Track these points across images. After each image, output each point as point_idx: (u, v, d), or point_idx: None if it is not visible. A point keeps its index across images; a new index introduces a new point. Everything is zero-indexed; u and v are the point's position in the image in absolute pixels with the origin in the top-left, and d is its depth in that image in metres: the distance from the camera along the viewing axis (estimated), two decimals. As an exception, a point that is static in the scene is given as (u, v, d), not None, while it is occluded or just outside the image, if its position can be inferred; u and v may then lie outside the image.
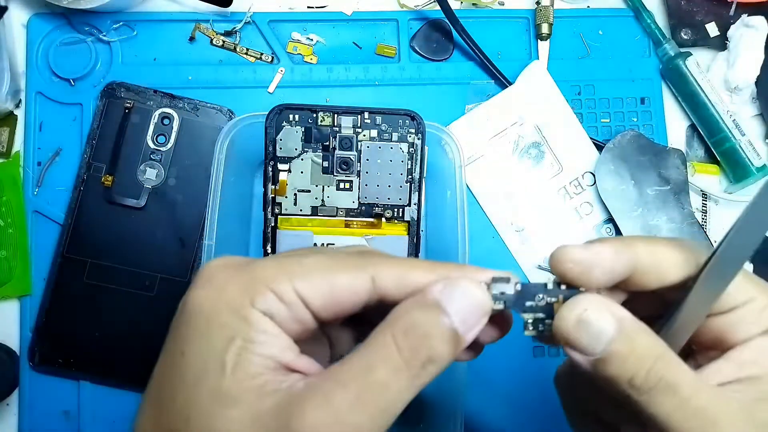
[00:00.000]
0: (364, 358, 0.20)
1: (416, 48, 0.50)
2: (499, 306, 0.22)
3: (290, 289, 0.21)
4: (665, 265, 0.22)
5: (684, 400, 0.21)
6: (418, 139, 0.40)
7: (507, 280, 0.23)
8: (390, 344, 0.20)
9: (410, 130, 0.40)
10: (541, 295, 0.23)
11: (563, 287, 0.23)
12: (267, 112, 0.39)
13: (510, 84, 0.49)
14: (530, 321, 0.23)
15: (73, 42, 0.47)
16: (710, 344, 0.24)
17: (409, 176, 0.40)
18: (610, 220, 0.48)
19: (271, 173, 0.40)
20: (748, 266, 0.50)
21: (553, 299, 0.23)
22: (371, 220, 0.41)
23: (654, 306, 0.24)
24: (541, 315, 0.23)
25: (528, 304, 0.23)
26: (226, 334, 0.20)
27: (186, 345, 0.21)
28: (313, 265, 0.22)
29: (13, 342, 0.45)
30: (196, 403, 0.20)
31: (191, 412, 0.20)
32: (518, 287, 0.22)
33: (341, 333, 0.26)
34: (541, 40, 0.50)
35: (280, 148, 0.40)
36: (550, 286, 0.23)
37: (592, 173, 0.49)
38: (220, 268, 0.22)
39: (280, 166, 0.40)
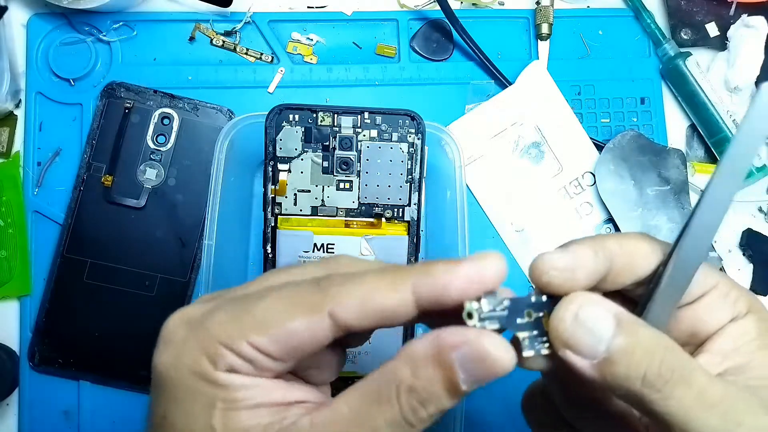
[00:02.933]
0: (365, 405, 0.20)
1: (416, 48, 0.50)
2: (494, 326, 0.20)
3: (245, 345, 0.20)
4: (636, 258, 0.22)
5: (701, 391, 0.20)
6: (418, 139, 0.40)
7: (493, 294, 0.20)
8: (392, 399, 0.20)
9: (410, 130, 0.40)
10: (527, 310, 0.21)
11: (544, 298, 0.21)
12: (267, 112, 0.39)
13: (510, 84, 0.49)
14: (526, 340, 0.21)
15: (73, 42, 0.47)
16: (684, 339, 0.23)
17: (409, 176, 0.40)
18: (610, 220, 0.48)
19: (271, 173, 0.40)
20: (748, 267, 0.50)
21: (540, 313, 0.21)
22: (371, 220, 0.41)
23: (625, 307, 0.23)
24: (534, 332, 0.21)
25: (519, 321, 0.21)
26: (204, 401, 0.20)
27: (167, 411, 0.21)
28: (264, 314, 0.21)
29: (13, 342, 0.45)
30: None
31: None
32: (507, 303, 0.20)
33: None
34: (541, 40, 0.50)
35: (280, 148, 0.40)
36: (533, 299, 0.21)
37: (592, 173, 0.49)
38: (177, 326, 0.22)
39: (280, 166, 0.40)
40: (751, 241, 0.50)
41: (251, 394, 0.20)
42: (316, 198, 0.40)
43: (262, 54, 0.48)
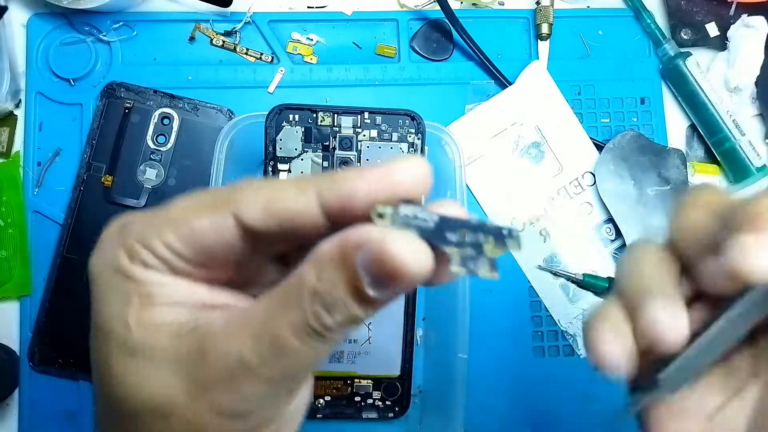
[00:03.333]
0: (273, 307, 0.19)
1: (416, 48, 0.50)
2: (411, 233, 0.18)
3: (158, 242, 0.20)
4: None
5: None
6: (418, 139, 0.40)
7: (417, 205, 0.19)
8: (297, 303, 0.19)
9: (410, 130, 0.40)
10: (463, 230, 0.19)
11: (501, 227, 0.20)
12: (267, 112, 0.39)
13: (510, 84, 0.49)
14: (456, 256, 0.19)
15: (73, 42, 0.47)
16: None
17: (409, 176, 0.40)
18: (610, 220, 0.48)
19: (271, 173, 0.40)
20: None
21: (485, 238, 0.19)
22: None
23: None
24: (470, 252, 0.19)
25: (449, 236, 0.19)
26: (120, 296, 0.20)
27: (93, 310, 0.21)
28: (175, 213, 0.20)
29: (13, 342, 0.45)
30: (107, 361, 0.21)
31: (105, 371, 0.21)
32: (435, 217, 0.19)
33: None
34: (541, 40, 0.49)
35: (280, 148, 0.40)
36: (475, 222, 0.19)
37: (592, 173, 0.49)
38: (109, 229, 0.22)
39: (280, 166, 0.40)
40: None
41: (168, 292, 0.20)
42: (316, 198, 0.40)
43: (262, 54, 0.48)
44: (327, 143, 0.40)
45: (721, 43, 0.51)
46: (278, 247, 0.22)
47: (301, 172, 0.40)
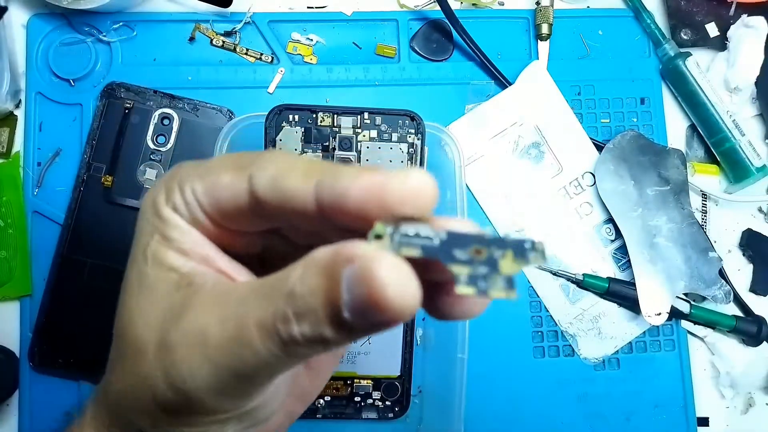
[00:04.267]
0: (254, 293, 0.19)
1: (416, 48, 0.49)
2: (413, 252, 0.17)
3: (188, 188, 0.21)
4: None
5: None
6: (418, 139, 0.40)
7: (423, 223, 0.17)
8: (272, 299, 0.18)
9: (410, 130, 0.40)
10: (475, 246, 0.17)
11: (514, 235, 0.18)
12: (267, 113, 0.39)
13: (510, 84, 0.49)
14: (463, 276, 0.17)
15: (73, 42, 0.47)
16: None
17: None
18: (610, 220, 0.48)
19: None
20: (748, 267, 0.50)
21: (500, 252, 0.17)
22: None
23: None
24: (482, 270, 0.17)
25: (457, 254, 0.17)
26: (148, 229, 0.22)
27: (134, 238, 0.23)
28: (210, 164, 0.21)
29: (13, 343, 0.45)
30: (125, 287, 0.22)
31: (122, 296, 0.22)
32: (442, 235, 0.17)
33: None
34: (540, 41, 0.49)
35: (280, 149, 0.39)
36: (487, 236, 0.18)
37: (591, 173, 0.48)
38: (168, 171, 0.23)
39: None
40: (751, 242, 0.49)
41: (183, 239, 0.21)
42: (316, 198, 0.40)
43: (262, 54, 0.48)
44: (327, 144, 0.40)
45: (721, 44, 0.50)
46: (289, 225, 0.22)
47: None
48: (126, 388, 0.21)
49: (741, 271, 0.50)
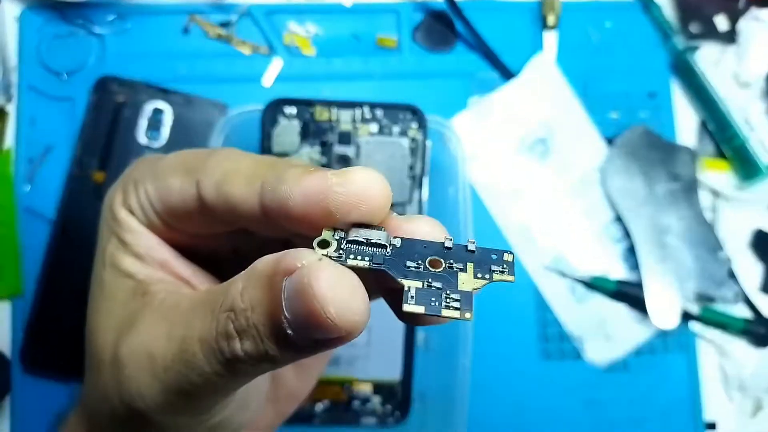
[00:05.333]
0: (198, 307, 0.17)
1: (418, 39, 0.48)
2: (361, 263, 0.15)
3: (143, 189, 0.20)
4: None
5: None
6: (420, 133, 0.39)
7: (378, 229, 0.16)
8: (214, 314, 0.16)
9: (412, 124, 0.39)
10: (432, 257, 0.16)
11: (472, 247, 0.16)
12: (263, 106, 0.38)
13: (515, 77, 0.48)
14: (413, 290, 0.15)
15: (66, 35, 0.46)
16: None
17: (411, 172, 0.39)
18: (618, 218, 0.47)
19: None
20: (759, 267, 0.49)
21: (459, 264, 0.16)
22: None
23: None
24: (437, 285, 0.15)
25: (410, 265, 0.15)
26: (106, 232, 0.21)
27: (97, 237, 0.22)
28: (164, 164, 0.20)
29: (4, 344, 0.44)
30: (91, 286, 0.22)
31: (90, 293, 0.22)
32: (397, 242, 0.16)
33: None
34: (547, 32, 0.48)
35: (277, 144, 0.38)
36: (448, 244, 0.16)
37: (599, 170, 0.47)
38: (130, 166, 0.22)
39: (277, 162, 0.39)
40: (761, 241, 0.49)
41: (139, 243, 0.20)
42: (314, 195, 0.39)
43: (258, 46, 0.47)
44: (325, 138, 0.39)
45: (730, 37, 0.50)
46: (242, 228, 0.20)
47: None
48: (92, 399, 0.20)
49: (751, 271, 0.49)
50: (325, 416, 0.41)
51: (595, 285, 0.46)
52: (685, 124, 0.50)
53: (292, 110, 0.38)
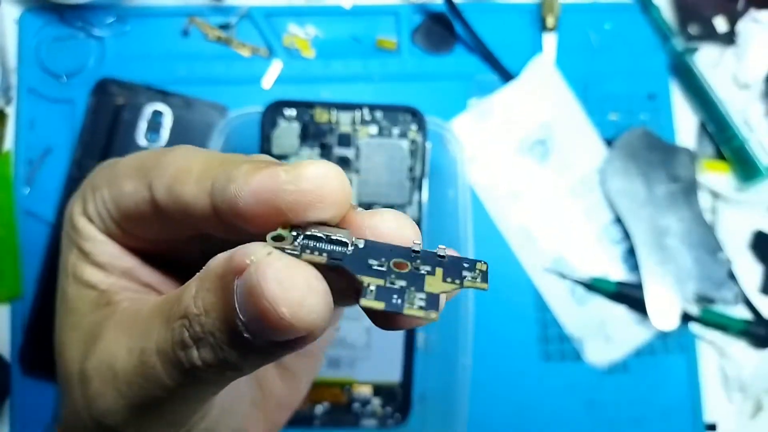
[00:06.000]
0: (155, 314, 0.16)
1: (417, 41, 0.48)
2: (317, 258, 0.14)
3: (99, 195, 0.19)
4: None
5: None
6: (420, 135, 0.38)
7: (340, 228, 0.15)
8: (170, 321, 0.15)
9: (411, 126, 0.39)
10: (397, 260, 0.15)
11: (443, 253, 0.15)
12: (262, 108, 0.38)
13: (514, 78, 0.48)
14: (372, 286, 0.14)
15: (66, 38, 0.46)
16: None
17: (410, 174, 0.39)
18: (618, 220, 0.47)
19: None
20: (758, 268, 0.49)
21: (425, 267, 0.15)
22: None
23: None
24: (399, 283, 0.14)
25: (372, 263, 0.14)
26: (67, 243, 0.20)
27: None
28: (118, 168, 0.19)
29: (4, 347, 0.44)
30: (57, 299, 0.21)
31: (56, 306, 0.21)
32: (360, 243, 0.15)
33: None
34: (546, 34, 0.48)
35: (276, 146, 0.38)
36: (416, 248, 0.15)
37: (599, 172, 0.47)
38: (91, 173, 0.21)
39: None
40: (761, 243, 0.48)
41: (99, 251, 0.20)
42: (314, 197, 0.39)
43: (258, 48, 0.47)
44: (325, 140, 0.39)
45: (730, 38, 0.50)
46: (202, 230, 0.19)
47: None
48: (67, 415, 0.20)
49: (751, 273, 0.49)
50: (325, 418, 0.41)
51: (595, 286, 0.46)
52: (685, 126, 0.50)
53: (291, 112, 0.38)
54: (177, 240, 0.20)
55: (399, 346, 0.40)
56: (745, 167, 0.48)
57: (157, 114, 0.45)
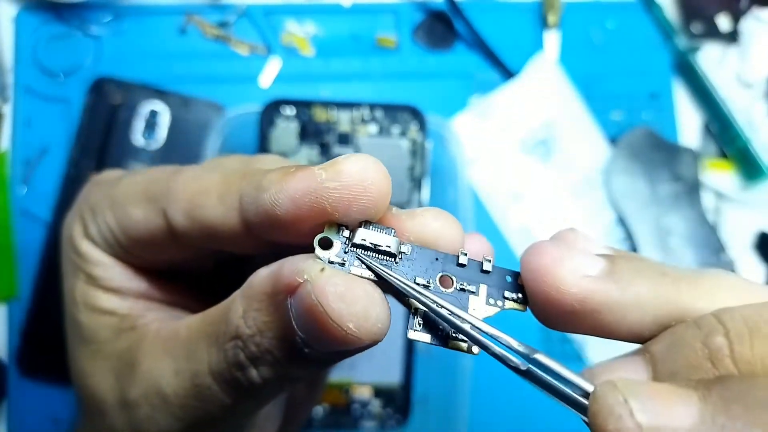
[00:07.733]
0: (200, 336, 0.16)
1: (418, 39, 0.48)
2: (366, 273, 0.14)
3: (102, 218, 0.18)
4: None
5: None
6: (420, 134, 0.38)
7: (386, 230, 0.14)
8: (220, 342, 0.15)
9: (411, 125, 0.38)
10: (446, 274, 0.14)
11: (509, 278, 0.15)
12: (261, 107, 0.38)
13: (515, 77, 0.47)
14: (419, 317, 0.14)
15: (62, 36, 0.46)
16: None
17: (411, 173, 0.38)
18: (621, 219, 0.47)
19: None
20: (762, 268, 0.48)
21: (472, 287, 0.14)
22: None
23: None
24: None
25: (420, 282, 0.14)
26: (71, 268, 0.19)
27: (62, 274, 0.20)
28: (120, 190, 0.18)
29: (1, 348, 0.44)
30: (67, 328, 0.20)
31: (67, 336, 0.20)
32: (407, 250, 0.14)
33: None
34: (548, 32, 0.48)
35: (275, 145, 0.38)
36: (462, 260, 0.14)
37: (602, 171, 0.47)
38: (84, 187, 0.20)
39: (275, 164, 0.38)
40: (765, 243, 0.48)
41: (108, 275, 0.19)
42: (313, 197, 0.39)
43: (256, 46, 0.47)
44: (324, 140, 0.38)
45: (733, 37, 0.49)
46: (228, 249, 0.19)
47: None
48: None
49: (754, 273, 0.48)
50: (325, 420, 0.41)
51: (597, 287, 0.46)
52: (688, 125, 0.49)
53: (290, 111, 0.38)
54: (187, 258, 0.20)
55: (399, 348, 0.40)
56: (748, 167, 0.47)
57: (154, 113, 0.45)
